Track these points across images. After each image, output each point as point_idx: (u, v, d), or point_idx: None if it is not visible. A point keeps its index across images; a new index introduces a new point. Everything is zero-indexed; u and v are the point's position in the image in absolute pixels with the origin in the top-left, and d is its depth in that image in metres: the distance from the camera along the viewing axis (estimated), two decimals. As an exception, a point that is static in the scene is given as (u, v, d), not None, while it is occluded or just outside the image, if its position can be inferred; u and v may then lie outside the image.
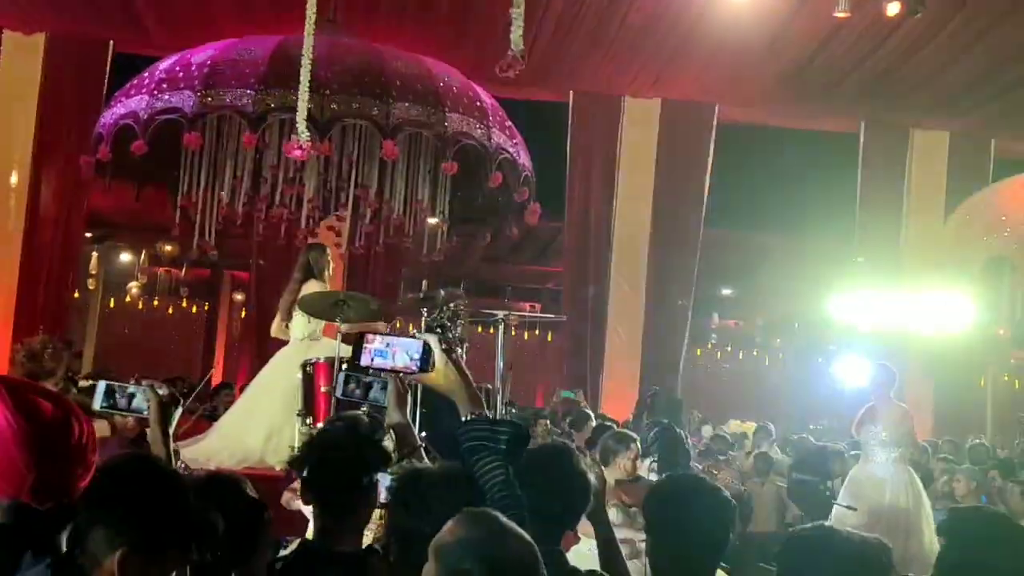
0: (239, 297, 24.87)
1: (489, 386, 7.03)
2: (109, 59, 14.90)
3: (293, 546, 3.27)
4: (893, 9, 11.18)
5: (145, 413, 3.41)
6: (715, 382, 28.96)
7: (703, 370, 29.43)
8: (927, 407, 15.95)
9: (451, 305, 7.38)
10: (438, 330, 6.87)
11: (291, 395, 7.34)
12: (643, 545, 3.54)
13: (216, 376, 20.44)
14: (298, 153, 7.55)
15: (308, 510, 3.25)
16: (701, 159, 16.25)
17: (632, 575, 3.85)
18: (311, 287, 8.09)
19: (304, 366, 7.17)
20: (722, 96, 16.10)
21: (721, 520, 2.90)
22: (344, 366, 6.62)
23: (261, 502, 3.05)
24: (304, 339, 8.08)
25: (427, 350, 3.40)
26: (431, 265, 22.11)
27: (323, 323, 7.68)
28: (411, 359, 3.10)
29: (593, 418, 9.92)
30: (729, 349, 30.65)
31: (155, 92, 9.01)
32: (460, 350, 7.12)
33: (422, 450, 3.48)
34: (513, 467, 2.52)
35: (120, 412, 3.55)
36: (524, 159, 10.37)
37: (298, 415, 6.90)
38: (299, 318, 8.05)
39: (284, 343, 8.70)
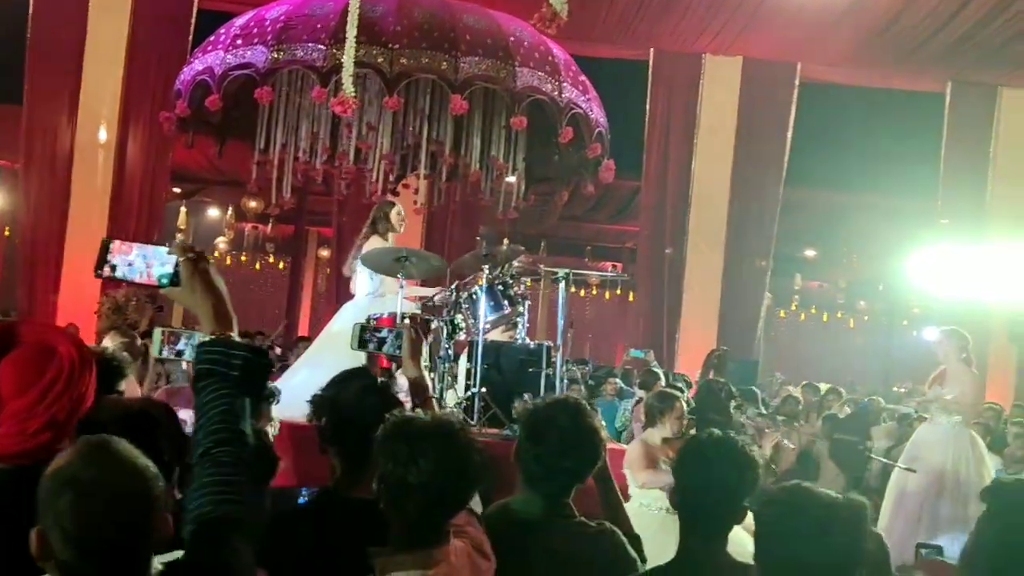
0: (324, 254, 25.18)
1: (550, 344, 7.03)
2: (193, 16, 15.13)
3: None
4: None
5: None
6: (799, 343, 28.75)
7: (787, 331, 29.25)
8: (1010, 373, 15.72)
9: (513, 262, 7.39)
10: (499, 287, 6.90)
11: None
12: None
13: (303, 331, 20.79)
14: (340, 109, 7.61)
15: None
16: (782, 118, 16.06)
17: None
18: (373, 243, 8.13)
19: (369, 320, 7.24)
20: (804, 55, 15.87)
21: (742, 477, 2.90)
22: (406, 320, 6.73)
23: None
24: (370, 295, 8.13)
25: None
26: (510, 223, 22.19)
27: (388, 279, 7.70)
28: (163, 273, 2.78)
29: (662, 378, 9.89)
30: (814, 311, 30.37)
31: (230, 48, 9.12)
32: (522, 308, 7.15)
33: (435, 400, 3.52)
34: (250, 398, 2.24)
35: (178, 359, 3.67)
36: (598, 115, 10.28)
37: (404, 372, 6.94)
38: (363, 275, 8.10)
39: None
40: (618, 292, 27.69)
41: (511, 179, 11.57)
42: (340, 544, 2.68)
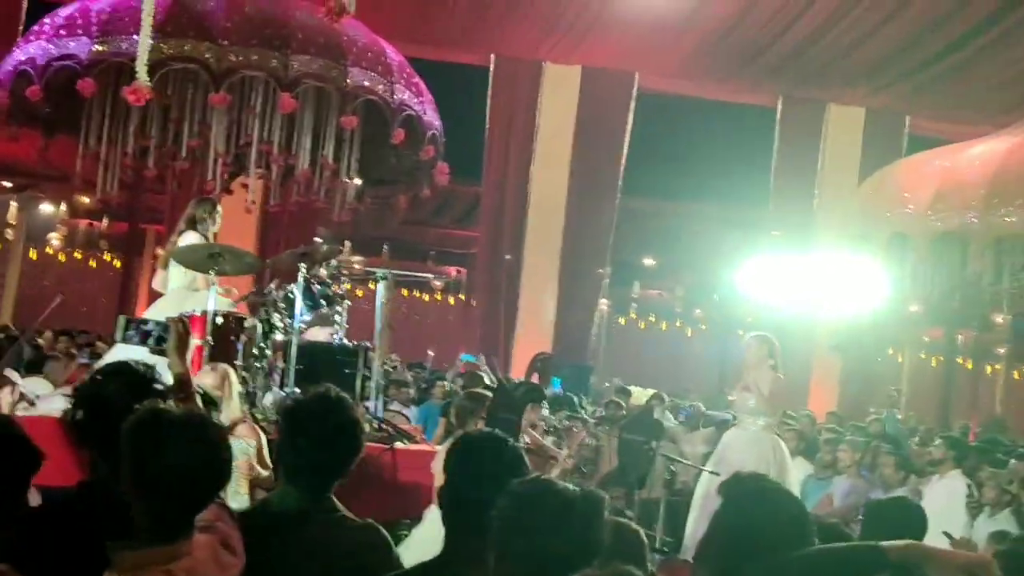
0: (160, 251, 24.57)
1: (368, 344, 7.00)
2: (24, 4, 14.62)
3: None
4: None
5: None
6: (638, 350, 29.20)
7: (626, 338, 29.69)
8: (834, 383, 16.27)
9: (332, 262, 7.34)
10: (316, 286, 6.84)
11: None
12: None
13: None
14: (132, 98, 7.50)
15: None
16: (620, 127, 16.36)
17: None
18: (188, 239, 7.95)
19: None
20: (642, 65, 16.20)
21: (507, 472, 2.93)
22: (219, 319, 6.61)
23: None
24: (179, 289, 7.92)
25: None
26: (351, 226, 22.00)
27: (200, 275, 7.54)
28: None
29: (488, 381, 9.94)
30: (652, 319, 30.91)
31: (53, 38, 8.88)
32: (340, 307, 7.10)
33: (198, 396, 3.48)
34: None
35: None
36: (431, 117, 10.30)
37: (168, 367, 6.79)
38: (175, 270, 7.88)
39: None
40: (462, 297, 27.74)
41: (355, 181, 11.52)
42: (96, 540, 2.61)
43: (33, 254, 25.97)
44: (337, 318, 7.05)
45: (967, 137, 13.12)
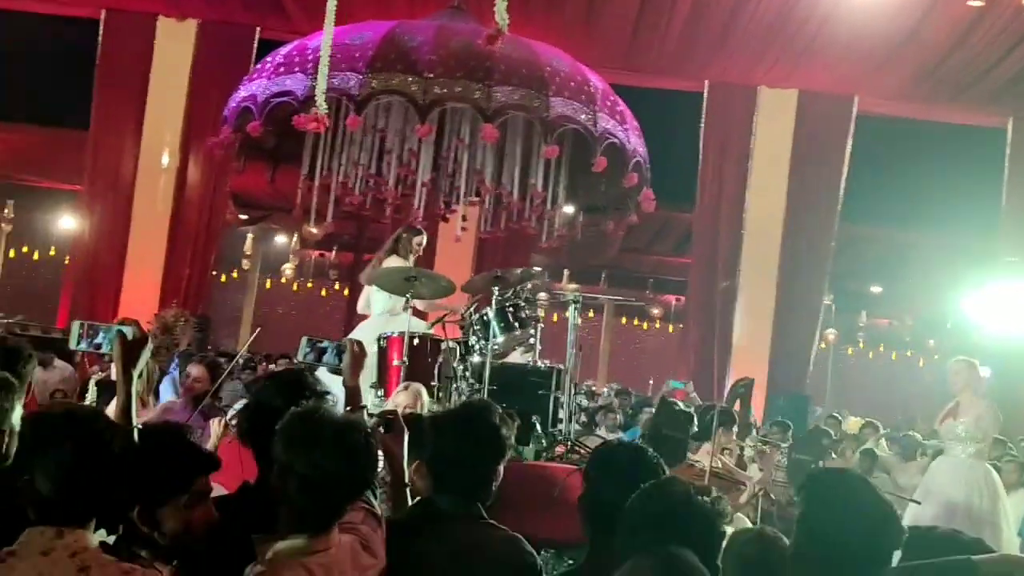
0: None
1: (561, 367, 7.05)
2: (255, 44, 15.46)
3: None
4: (1027, -3, 10.81)
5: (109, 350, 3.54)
6: (866, 381, 28.36)
7: (855, 369, 28.87)
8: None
9: (526, 285, 7.44)
10: (509, 309, 6.96)
11: (368, 367, 7.45)
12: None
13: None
14: (313, 125, 7.80)
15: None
16: (838, 152, 15.96)
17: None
18: (391, 263, 8.23)
19: (379, 339, 7.34)
20: (861, 88, 15.78)
21: (646, 475, 2.95)
22: (416, 340, 6.82)
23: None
24: (383, 313, 8.22)
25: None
26: (568, 255, 22.15)
27: (403, 299, 7.77)
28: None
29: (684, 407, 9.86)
30: (882, 348, 29.96)
31: (272, 76, 9.36)
32: (533, 330, 7.19)
33: (365, 411, 3.60)
34: None
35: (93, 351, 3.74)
36: (636, 144, 10.30)
37: (371, 387, 7.05)
38: (378, 293, 8.19)
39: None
40: (681, 326, 27.56)
41: (568, 209, 11.69)
42: (246, 536, 2.76)
43: (268, 283, 27.33)
44: (532, 340, 7.14)
45: None
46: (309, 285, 28.66)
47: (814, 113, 15.97)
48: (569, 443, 6.78)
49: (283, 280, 27.30)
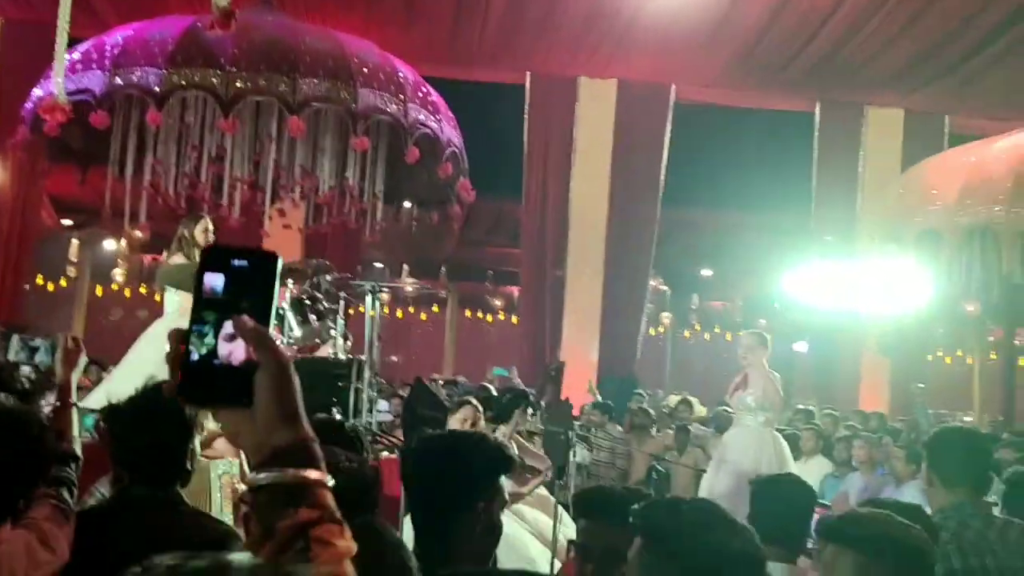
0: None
1: (362, 358, 7.03)
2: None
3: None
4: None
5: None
6: (704, 363, 28.98)
7: (690, 352, 29.49)
8: (884, 385, 16.06)
9: (326, 277, 7.40)
10: (308, 302, 6.91)
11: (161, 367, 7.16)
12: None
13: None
14: (51, 117, 7.72)
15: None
16: (657, 140, 16.29)
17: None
18: (176, 260, 8.04)
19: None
20: (677, 76, 16.14)
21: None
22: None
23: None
24: (174, 312, 8.00)
25: None
26: (409, 249, 22.07)
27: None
28: None
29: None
30: (717, 330, 30.69)
31: (69, 73, 9.09)
32: (333, 323, 7.16)
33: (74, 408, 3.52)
34: None
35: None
36: (450, 134, 10.37)
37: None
38: (169, 293, 8.00)
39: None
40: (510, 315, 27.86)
41: (380, 202, 11.60)
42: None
43: (100, 290, 26.52)
44: (333, 333, 7.11)
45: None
46: (143, 290, 27.91)
47: (633, 102, 16.26)
48: (372, 434, 6.77)
49: (114, 287, 26.54)
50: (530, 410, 7.18)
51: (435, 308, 29.42)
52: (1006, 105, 15.00)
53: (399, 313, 27.60)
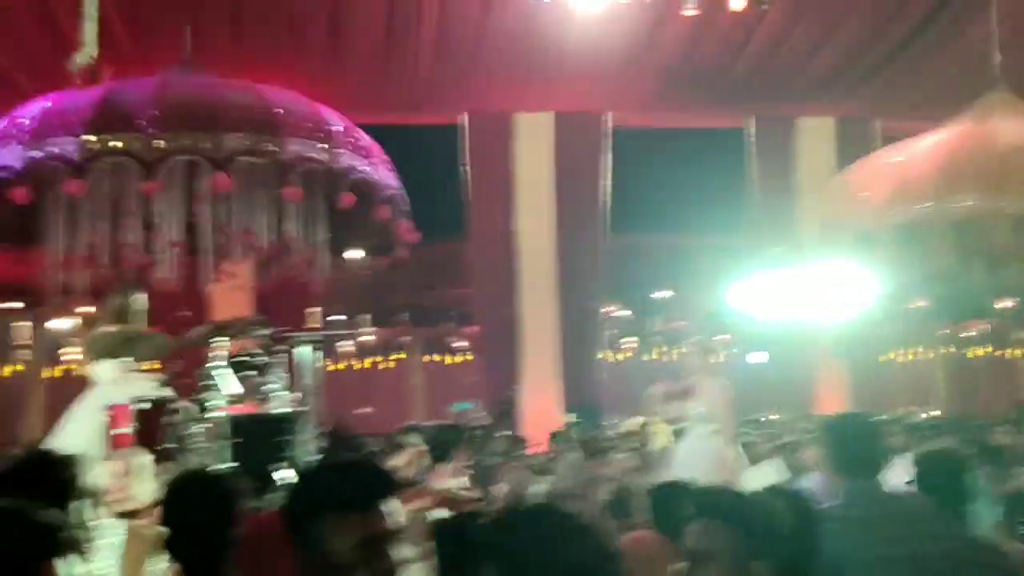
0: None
1: (305, 409, 6.98)
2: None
3: None
4: (737, 4, 11.41)
5: None
6: (675, 381, 28.90)
7: (658, 373, 29.45)
8: (840, 387, 16.14)
9: (262, 333, 7.33)
10: (246, 358, 6.85)
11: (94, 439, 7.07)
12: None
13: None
14: None
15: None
16: (596, 168, 16.40)
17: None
18: (107, 328, 7.96)
19: (108, 409, 7.08)
20: (612, 103, 16.27)
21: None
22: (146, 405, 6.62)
23: None
24: (107, 382, 7.88)
25: None
26: (366, 294, 21.98)
27: (126, 364, 7.49)
28: None
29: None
30: (684, 349, 30.65)
31: (-17, 151, 8.98)
32: (276, 379, 7.09)
33: None
34: None
35: None
36: (385, 177, 10.30)
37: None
38: (100, 363, 7.90)
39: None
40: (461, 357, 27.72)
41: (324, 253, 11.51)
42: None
43: (59, 371, 26.02)
44: (273, 387, 7.05)
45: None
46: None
47: (571, 133, 16.39)
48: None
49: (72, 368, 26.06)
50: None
51: (402, 355, 29.25)
52: (932, 105, 15.11)
53: (366, 363, 27.43)
